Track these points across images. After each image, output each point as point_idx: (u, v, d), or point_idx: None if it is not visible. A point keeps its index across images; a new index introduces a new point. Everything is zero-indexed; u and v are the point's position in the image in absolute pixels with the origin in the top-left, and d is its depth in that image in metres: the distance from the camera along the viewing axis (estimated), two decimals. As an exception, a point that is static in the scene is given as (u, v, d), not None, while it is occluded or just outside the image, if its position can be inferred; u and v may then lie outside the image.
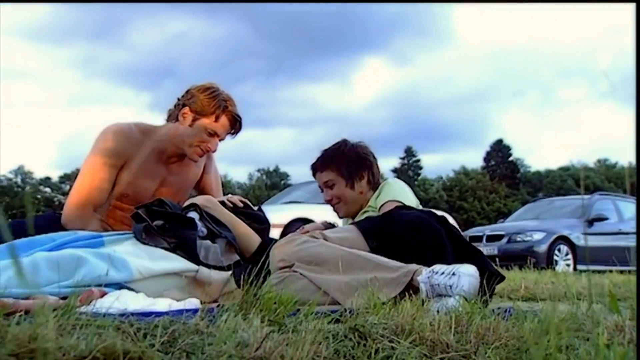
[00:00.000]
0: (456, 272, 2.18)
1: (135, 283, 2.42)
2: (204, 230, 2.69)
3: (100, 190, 3.00)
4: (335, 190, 3.06)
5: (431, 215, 2.67)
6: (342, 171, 3.06)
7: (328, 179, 3.07)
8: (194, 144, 3.04)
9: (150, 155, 3.08)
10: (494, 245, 12.47)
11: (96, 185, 2.99)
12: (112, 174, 3.01)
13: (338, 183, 3.06)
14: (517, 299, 4.75)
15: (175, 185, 3.19)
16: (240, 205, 3.01)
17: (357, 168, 3.06)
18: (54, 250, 2.48)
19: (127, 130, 3.05)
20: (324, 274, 2.36)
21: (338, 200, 3.08)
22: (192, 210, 2.78)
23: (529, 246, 12.12)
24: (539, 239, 12.14)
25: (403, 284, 2.24)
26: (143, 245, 2.56)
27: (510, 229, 12.71)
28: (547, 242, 12.08)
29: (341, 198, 3.07)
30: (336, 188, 3.06)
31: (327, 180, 3.07)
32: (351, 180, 3.05)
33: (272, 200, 12.07)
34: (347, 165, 3.06)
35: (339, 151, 3.10)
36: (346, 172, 3.05)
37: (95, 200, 2.99)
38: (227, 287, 2.57)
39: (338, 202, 3.08)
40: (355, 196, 3.06)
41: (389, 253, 2.48)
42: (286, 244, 2.50)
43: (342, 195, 3.06)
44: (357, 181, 3.05)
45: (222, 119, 3.03)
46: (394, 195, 2.95)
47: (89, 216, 2.97)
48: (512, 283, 5.20)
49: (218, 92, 3.06)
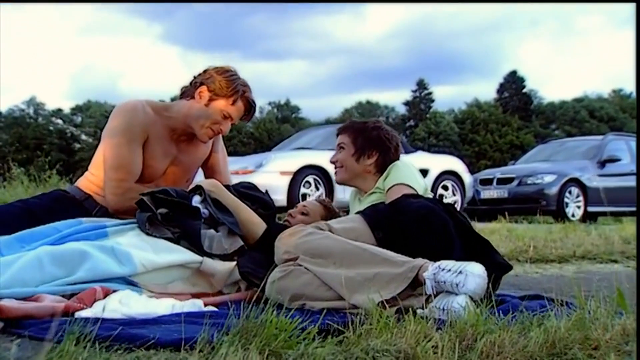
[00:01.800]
0: (463, 271, 2.15)
1: (139, 276, 2.42)
2: (206, 212, 2.66)
3: (134, 166, 2.98)
4: (341, 155, 3.08)
5: (438, 203, 2.64)
6: (357, 141, 3.08)
7: (342, 142, 3.12)
8: (206, 124, 3.03)
9: (163, 134, 3.07)
10: (505, 188, 12.43)
11: (129, 165, 2.97)
12: (139, 149, 3.00)
13: (347, 149, 3.09)
14: (526, 260, 4.78)
15: (184, 164, 3.18)
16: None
17: (371, 145, 3.06)
18: (59, 243, 2.47)
19: (140, 107, 3.04)
20: (329, 267, 2.34)
21: (340, 166, 3.09)
22: (196, 193, 2.75)
23: (539, 189, 12.07)
24: (550, 182, 12.07)
25: (409, 279, 2.22)
26: (147, 236, 2.54)
27: (521, 172, 12.64)
28: (558, 185, 12.03)
29: (343, 164, 3.08)
30: (343, 153, 3.08)
31: (341, 143, 3.11)
32: (360, 152, 3.05)
33: (281, 146, 12.00)
34: (363, 139, 3.08)
35: (365, 124, 3.14)
36: (359, 143, 3.07)
37: (132, 178, 2.98)
38: (231, 277, 2.56)
39: (340, 167, 3.10)
40: (357, 169, 3.06)
41: (395, 244, 2.45)
42: (291, 235, 2.48)
43: (345, 162, 3.07)
44: (365, 157, 3.05)
45: (238, 103, 3.04)
46: (402, 178, 2.92)
47: (134, 190, 2.91)
48: (520, 243, 5.21)
49: (236, 76, 3.05)
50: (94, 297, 2.16)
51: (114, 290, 2.26)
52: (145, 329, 1.82)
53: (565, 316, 2.03)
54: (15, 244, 2.47)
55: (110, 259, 2.38)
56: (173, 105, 3.12)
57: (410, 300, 2.23)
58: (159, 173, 3.10)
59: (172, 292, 2.45)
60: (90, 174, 3.11)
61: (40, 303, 2.06)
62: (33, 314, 1.96)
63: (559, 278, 4.00)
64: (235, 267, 2.54)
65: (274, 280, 2.38)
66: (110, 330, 1.70)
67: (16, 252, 2.41)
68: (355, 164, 3.05)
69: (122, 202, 2.92)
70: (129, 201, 2.86)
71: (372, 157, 3.05)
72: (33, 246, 2.46)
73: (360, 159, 3.05)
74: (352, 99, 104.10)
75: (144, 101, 3.10)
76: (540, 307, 2.38)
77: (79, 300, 2.12)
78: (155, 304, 2.13)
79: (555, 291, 3.38)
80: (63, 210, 2.95)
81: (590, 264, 4.91)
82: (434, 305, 2.16)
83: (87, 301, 2.13)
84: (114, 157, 2.98)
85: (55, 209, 2.95)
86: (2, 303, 1.96)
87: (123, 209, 2.91)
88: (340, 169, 3.09)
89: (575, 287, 2.27)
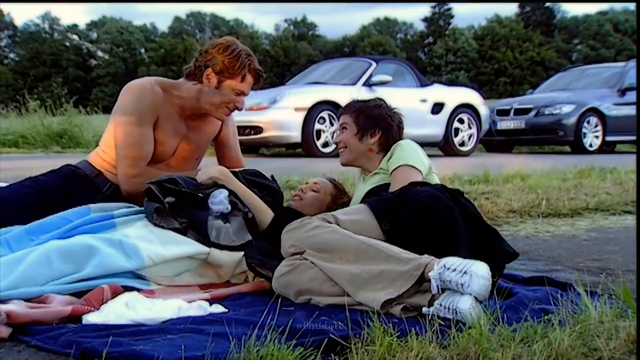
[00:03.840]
0: (468, 271, 2.15)
1: (146, 269, 2.44)
2: (229, 207, 2.66)
3: (147, 147, 2.98)
4: (345, 135, 3.06)
5: (444, 191, 2.61)
6: (359, 120, 3.04)
7: (344, 122, 3.08)
8: (221, 105, 3.02)
9: (172, 113, 3.06)
10: (522, 119, 12.31)
11: (142, 143, 2.97)
12: (150, 132, 2.99)
13: (350, 129, 3.05)
14: (538, 215, 4.77)
15: (194, 142, 3.17)
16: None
17: (373, 124, 3.03)
18: (67, 236, 2.49)
19: (149, 86, 3.01)
20: (335, 262, 2.35)
21: (344, 146, 3.07)
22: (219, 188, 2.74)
23: (557, 119, 11.94)
24: (568, 112, 11.93)
25: (414, 277, 2.22)
26: (154, 227, 2.55)
27: (538, 102, 12.48)
28: (576, 115, 11.89)
29: (347, 145, 3.06)
30: (346, 133, 3.05)
31: (343, 123, 3.09)
32: (362, 132, 3.02)
33: (295, 80, 11.86)
34: (365, 117, 3.04)
35: (367, 104, 3.11)
36: (362, 123, 3.03)
37: (145, 157, 2.98)
38: (239, 268, 2.58)
39: (344, 148, 3.07)
40: (361, 149, 3.03)
41: (401, 236, 2.45)
42: (298, 228, 2.47)
43: (348, 142, 3.05)
44: (368, 136, 3.02)
45: (247, 78, 3.01)
46: (406, 159, 2.89)
47: (147, 173, 2.93)
48: (533, 196, 5.18)
49: (238, 49, 2.99)
50: (101, 296, 2.19)
51: (122, 286, 2.29)
52: (150, 341, 1.84)
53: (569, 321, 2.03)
54: (24, 237, 2.49)
55: (118, 252, 2.40)
56: (181, 84, 3.08)
57: (416, 297, 2.24)
58: (169, 152, 3.09)
59: (179, 284, 2.48)
60: (102, 151, 3.10)
61: (48, 307, 2.09)
62: (41, 320, 2.00)
63: (571, 239, 3.99)
64: (243, 258, 2.55)
65: (280, 274, 2.40)
66: (116, 346, 1.73)
67: (25, 245, 2.44)
68: (359, 143, 3.03)
69: (137, 184, 2.90)
70: (142, 185, 2.83)
71: (375, 136, 3.02)
72: (42, 239, 2.48)
73: (363, 138, 3.02)
74: (369, 16, 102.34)
75: (152, 80, 3.07)
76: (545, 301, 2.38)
77: (87, 302, 2.15)
78: (161, 306, 2.14)
79: (565, 258, 3.41)
80: (74, 189, 2.98)
81: (604, 216, 4.89)
82: (439, 303, 2.16)
83: (95, 302, 2.15)
84: (126, 136, 2.96)
85: (66, 189, 2.97)
86: (10, 309, 2.00)
87: (136, 192, 2.89)
88: (345, 149, 3.07)
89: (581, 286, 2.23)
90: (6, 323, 1.93)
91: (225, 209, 2.65)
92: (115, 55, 64.08)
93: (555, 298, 2.38)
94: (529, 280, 2.82)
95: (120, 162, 2.97)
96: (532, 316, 2.12)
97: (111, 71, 62.56)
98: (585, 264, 3.30)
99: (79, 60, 64.10)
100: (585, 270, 3.13)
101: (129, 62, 63.55)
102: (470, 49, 55.50)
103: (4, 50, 66.46)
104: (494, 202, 4.90)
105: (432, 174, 2.98)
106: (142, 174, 2.92)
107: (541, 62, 55.53)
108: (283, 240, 2.49)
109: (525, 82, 53.77)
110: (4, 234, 2.51)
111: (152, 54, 62.63)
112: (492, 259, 2.50)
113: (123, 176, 2.96)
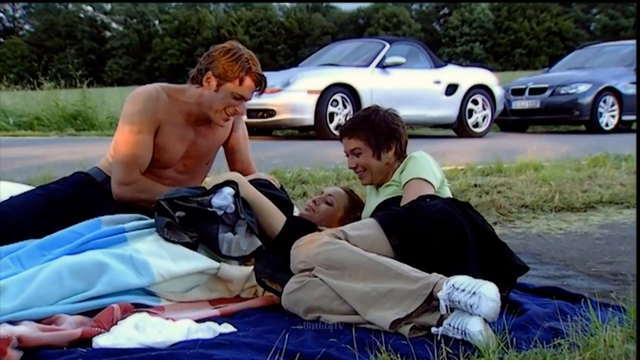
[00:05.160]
0: (477, 292, 2.14)
1: (156, 286, 2.46)
2: (233, 206, 2.66)
3: (142, 156, 3.01)
4: (362, 159, 3.00)
5: (454, 205, 2.60)
6: (371, 141, 2.99)
7: (355, 147, 3.02)
8: (220, 109, 3.01)
9: (179, 118, 3.07)
10: (537, 99, 12.20)
11: (137, 153, 3.00)
12: (149, 139, 3.01)
13: (365, 152, 3.00)
14: (551, 210, 4.75)
15: (202, 147, 3.17)
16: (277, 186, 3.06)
17: (386, 139, 2.99)
18: (78, 251, 2.50)
19: (154, 93, 3.03)
20: (344, 279, 2.35)
21: (363, 169, 3.02)
22: (229, 184, 2.74)
23: (573, 99, 11.84)
24: (584, 91, 11.82)
25: (423, 296, 2.23)
26: (165, 241, 2.56)
27: (554, 81, 12.36)
28: (592, 94, 11.78)
29: (366, 167, 3.01)
30: (362, 157, 3.00)
31: (354, 149, 3.02)
32: (379, 150, 2.98)
33: (308, 61, 11.79)
34: (376, 135, 2.99)
35: (370, 120, 3.02)
36: (374, 142, 2.98)
37: (140, 164, 3.01)
38: (248, 282, 2.59)
39: (363, 171, 3.02)
40: (381, 166, 3.00)
41: (411, 251, 2.45)
42: (307, 244, 2.47)
43: (368, 165, 3.00)
44: (385, 152, 2.98)
45: (246, 81, 2.98)
46: (418, 172, 2.87)
47: (140, 183, 2.99)
48: (546, 189, 5.16)
49: (239, 53, 2.97)
50: (111, 316, 2.20)
51: (132, 303, 2.32)
52: (159, 368, 1.86)
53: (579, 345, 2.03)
54: (35, 253, 2.51)
55: (128, 269, 2.41)
56: (187, 89, 3.09)
57: (424, 316, 2.24)
58: (176, 157, 3.10)
59: (189, 300, 2.49)
60: (110, 156, 3.12)
61: (58, 330, 2.11)
62: (51, 343, 2.02)
63: (583, 238, 3.98)
64: (253, 273, 2.56)
65: (290, 291, 2.41)
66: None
67: (37, 261, 2.45)
68: (379, 163, 2.99)
69: (127, 191, 2.98)
70: (133, 193, 2.96)
71: (391, 149, 2.99)
72: (54, 254, 2.50)
73: (381, 156, 2.99)
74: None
75: (159, 86, 3.08)
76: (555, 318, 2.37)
77: (97, 323, 2.17)
78: (171, 329, 2.16)
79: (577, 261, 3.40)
80: (84, 196, 3.02)
81: (617, 210, 4.86)
82: (449, 322, 2.16)
83: (105, 323, 2.17)
84: (123, 143, 3.01)
85: (77, 196, 3.01)
86: (22, 332, 2.02)
87: (126, 199, 2.98)
88: (364, 172, 3.02)
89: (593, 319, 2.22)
90: (17, 347, 1.95)
91: (228, 206, 2.66)
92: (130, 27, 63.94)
93: (566, 314, 2.38)
94: (540, 291, 2.81)
95: (114, 166, 3.03)
96: (542, 339, 2.11)
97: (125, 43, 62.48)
98: (597, 268, 3.30)
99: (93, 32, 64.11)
100: (597, 276, 3.13)
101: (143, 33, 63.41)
102: (486, 19, 54.89)
103: (19, 21, 66.71)
104: (507, 196, 4.89)
105: (444, 187, 2.96)
106: (134, 182, 2.98)
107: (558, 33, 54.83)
108: (292, 256, 2.50)
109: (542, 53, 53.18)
110: (16, 250, 2.53)
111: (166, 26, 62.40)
112: (502, 273, 2.53)
113: (115, 181, 3.01)
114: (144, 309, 2.33)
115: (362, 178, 3.06)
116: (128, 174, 2.98)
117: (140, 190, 2.97)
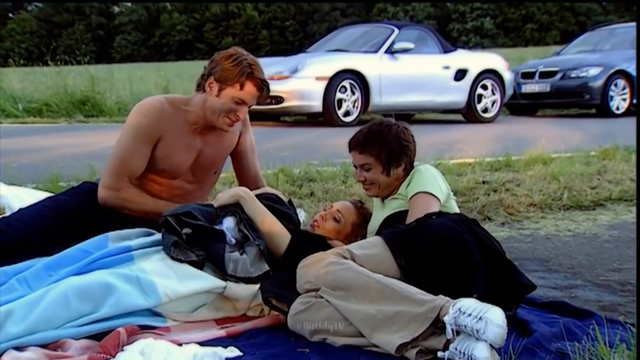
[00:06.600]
0: (483, 317, 2.14)
1: (163, 306, 2.46)
2: (233, 240, 2.67)
3: (134, 165, 3.03)
4: (371, 175, 2.98)
5: (461, 223, 2.59)
6: (382, 158, 2.96)
7: (365, 162, 2.99)
8: (222, 115, 3.01)
9: (185, 128, 3.07)
10: (547, 82, 12.10)
11: (128, 160, 3.02)
12: (144, 149, 3.02)
13: (375, 168, 2.97)
14: (559, 208, 4.73)
15: (210, 156, 3.18)
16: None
17: (397, 156, 2.96)
18: (85, 270, 2.51)
19: (158, 105, 3.05)
20: (350, 301, 2.36)
21: (371, 184, 3.00)
22: (229, 214, 2.74)
23: (583, 82, 11.74)
24: (595, 75, 11.71)
25: (430, 319, 2.23)
26: (171, 260, 2.57)
27: (565, 64, 12.24)
28: (603, 78, 11.67)
29: (375, 182, 2.99)
30: (372, 172, 2.98)
31: (365, 164, 2.99)
32: (389, 167, 2.95)
33: (316, 47, 11.72)
34: (387, 153, 2.96)
35: (382, 136, 2.98)
36: (385, 160, 2.96)
37: (128, 174, 3.03)
38: (255, 300, 2.60)
39: (371, 185, 3.01)
40: (389, 182, 2.98)
41: (417, 270, 2.45)
42: (313, 264, 2.48)
43: (377, 180, 2.98)
44: (394, 168, 2.96)
45: (247, 86, 2.96)
46: (424, 186, 2.85)
47: (126, 192, 3.02)
48: (555, 186, 5.14)
49: (241, 58, 2.96)
50: (117, 341, 2.21)
51: (138, 325, 2.33)
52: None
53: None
54: (42, 273, 2.52)
55: (135, 290, 2.42)
56: (192, 98, 3.10)
57: (430, 340, 2.24)
58: (184, 167, 3.11)
59: (196, 320, 2.50)
60: None
61: (64, 357, 2.12)
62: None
63: (592, 241, 3.96)
64: (259, 291, 2.56)
65: (296, 312, 2.41)
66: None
67: (44, 282, 2.46)
68: (387, 179, 2.97)
69: (112, 197, 3.02)
70: (118, 200, 3.01)
71: (401, 165, 2.97)
72: (61, 274, 2.50)
73: (390, 172, 2.96)
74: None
75: (163, 98, 3.10)
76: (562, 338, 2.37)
77: (103, 348, 2.18)
78: (177, 355, 2.16)
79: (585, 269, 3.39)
80: (92, 207, 3.04)
81: (627, 208, 4.83)
82: (455, 347, 2.17)
83: (111, 349, 2.18)
84: (118, 150, 3.05)
85: (85, 207, 3.04)
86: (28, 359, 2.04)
87: (110, 206, 3.02)
88: (372, 185, 3.00)
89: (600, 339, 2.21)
90: (24, 375, 1.97)
91: (229, 240, 2.67)
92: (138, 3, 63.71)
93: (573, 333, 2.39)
94: (547, 305, 2.81)
95: (105, 170, 3.07)
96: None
97: (134, 19, 62.34)
98: (605, 276, 3.29)
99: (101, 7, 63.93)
100: (605, 286, 3.12)
101: (152, 9, 63.18)
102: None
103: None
104: (515, 194, 4.87)
105: (450, 200, 2.94)
106: (121, 190, 3.01)
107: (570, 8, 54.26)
108: (298, 276, 2.50)
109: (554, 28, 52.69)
110: (22, 270, 2.54)
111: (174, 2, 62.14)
112: (509, 292, 2.52)
113: (102, 185, 3.04)
114: (150, 331, 2.35)
115: (369, 190, 3.04)
116: (116, 179, 3.01)
117: (126, 199, 3.01)
